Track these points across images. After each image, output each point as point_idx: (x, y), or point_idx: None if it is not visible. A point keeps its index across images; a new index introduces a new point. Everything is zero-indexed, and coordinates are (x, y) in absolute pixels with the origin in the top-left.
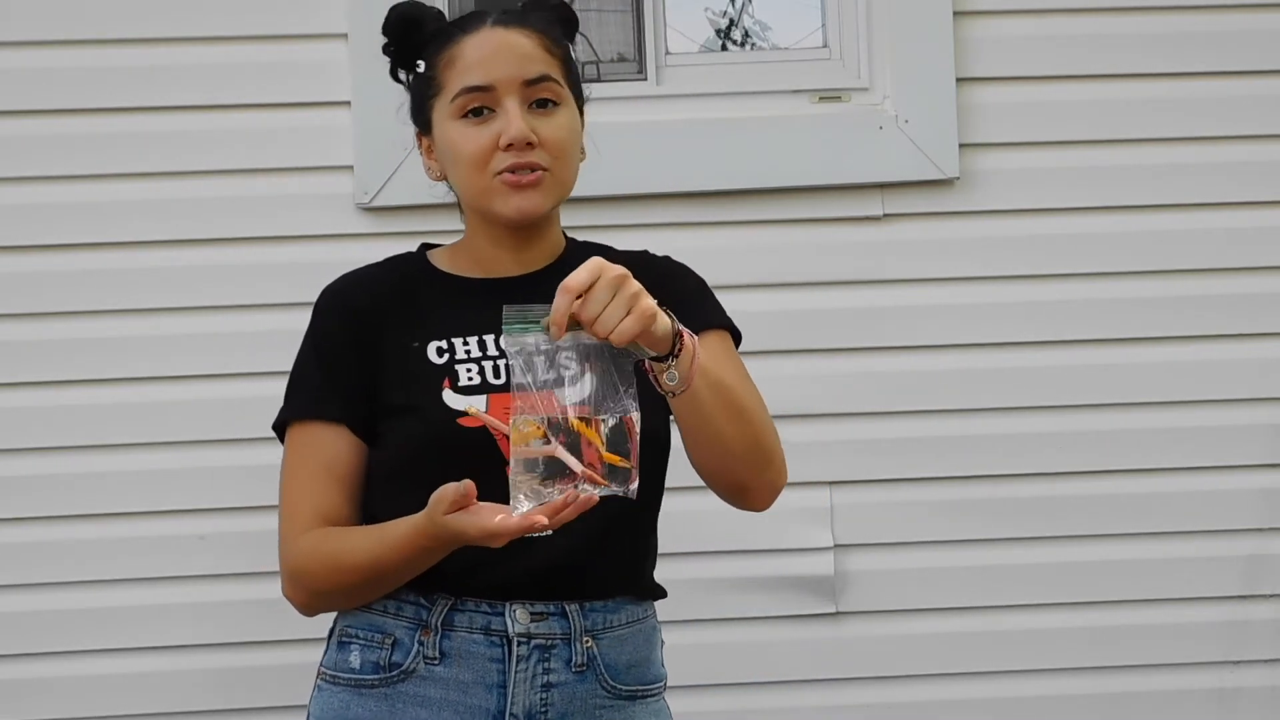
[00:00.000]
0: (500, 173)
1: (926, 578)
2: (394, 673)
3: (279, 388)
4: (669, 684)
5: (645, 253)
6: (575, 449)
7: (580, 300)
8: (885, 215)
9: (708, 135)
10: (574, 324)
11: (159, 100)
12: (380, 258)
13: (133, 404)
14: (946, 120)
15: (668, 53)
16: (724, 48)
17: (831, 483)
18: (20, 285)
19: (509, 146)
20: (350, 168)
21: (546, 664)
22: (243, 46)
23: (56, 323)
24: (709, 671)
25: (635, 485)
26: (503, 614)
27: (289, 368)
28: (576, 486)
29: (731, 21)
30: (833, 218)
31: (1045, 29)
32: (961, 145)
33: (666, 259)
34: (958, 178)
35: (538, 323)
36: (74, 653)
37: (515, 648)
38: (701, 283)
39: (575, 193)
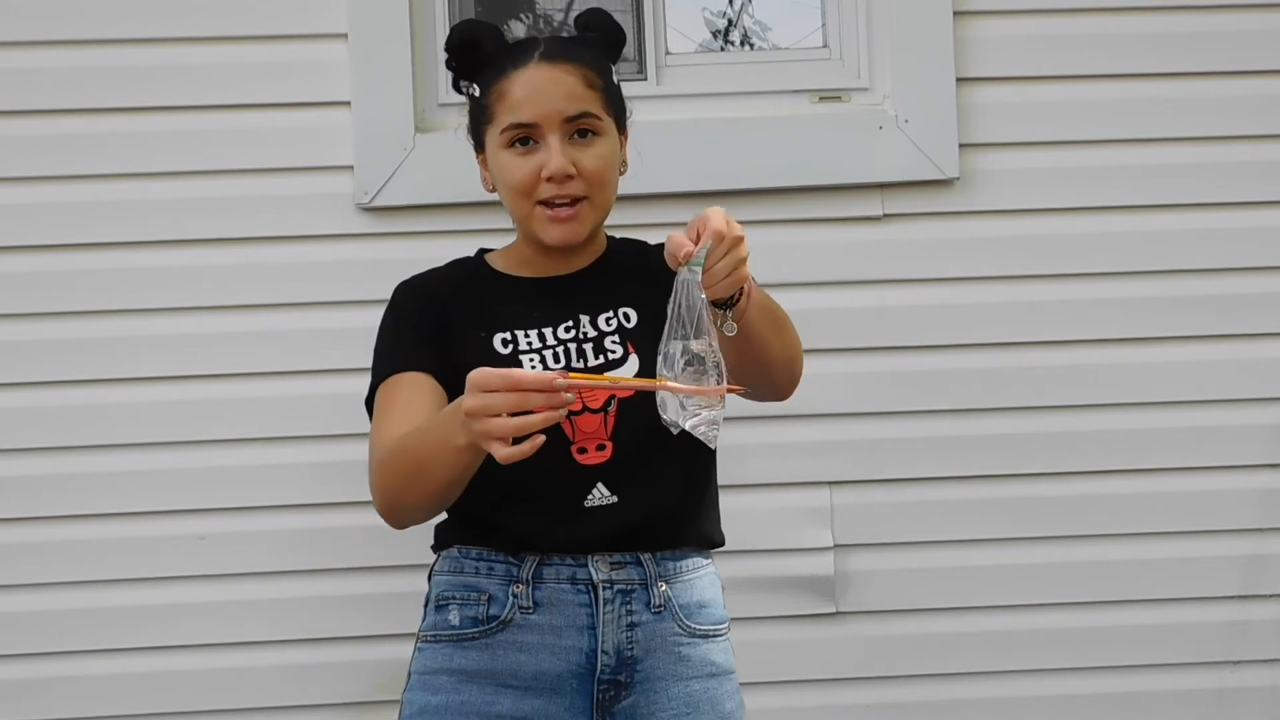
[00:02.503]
0: (542, 201)
1: (926, 578)
2: (493, 624)
3: (279, 388)
4: None
5: (644, 243)
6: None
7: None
8: (885, 215)
9: (708, 135)
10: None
11: (159, 100)
12: (381, 257)
13: (133, 404)
14: (946, 120)
15: (668, 53)
16: (722, 49)
17: (831, 483)
18: (20, 285)
19: (550, 179)
20: (350, 168)
21: (629, 606)
22: (243, 46)
23: (56, 323)
24: None
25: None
26: (585, 565)
27: (290, 367)
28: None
29: (730, 23)
30: (833, 218)
31: (1045, 29)
32: (961, 145)
33: (661, 246)
34: (958, 178)
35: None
36: (74, 653)
37: (601, 592)
38: None
39: None
